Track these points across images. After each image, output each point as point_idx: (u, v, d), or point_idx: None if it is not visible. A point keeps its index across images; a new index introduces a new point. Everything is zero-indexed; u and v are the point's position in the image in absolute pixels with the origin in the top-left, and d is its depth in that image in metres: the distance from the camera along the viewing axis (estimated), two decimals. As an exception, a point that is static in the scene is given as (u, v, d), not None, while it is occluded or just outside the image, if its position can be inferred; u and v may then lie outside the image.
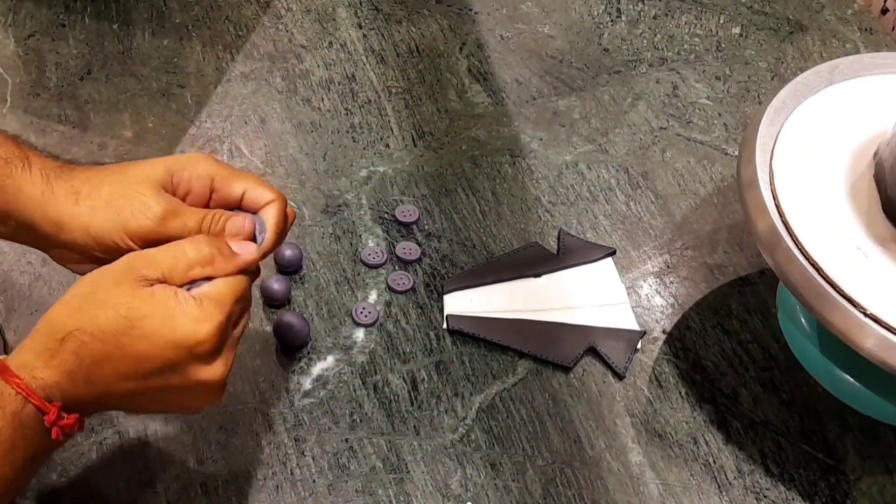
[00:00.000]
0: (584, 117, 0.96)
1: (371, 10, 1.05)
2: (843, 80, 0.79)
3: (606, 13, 1.07)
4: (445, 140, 0.93)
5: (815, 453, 0.75)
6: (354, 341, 0.78)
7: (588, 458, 0.73)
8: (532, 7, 1.07)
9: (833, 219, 0.71)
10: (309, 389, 0.75)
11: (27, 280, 0.79)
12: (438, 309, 0.81)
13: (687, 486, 0.73)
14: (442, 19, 1.04)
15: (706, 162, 0.94)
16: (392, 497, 0.70)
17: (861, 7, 1.10)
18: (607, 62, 1.02)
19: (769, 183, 0.72)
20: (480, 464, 0.72)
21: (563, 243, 0.86)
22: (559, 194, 0.90)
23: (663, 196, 0.91)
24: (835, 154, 0.75)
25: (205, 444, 0.72)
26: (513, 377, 0.77)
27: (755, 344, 0.81)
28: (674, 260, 0.86)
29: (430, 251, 0.84)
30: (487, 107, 0.96)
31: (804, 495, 0.73)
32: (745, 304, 0.84)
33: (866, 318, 0.65)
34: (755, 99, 0.99)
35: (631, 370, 0.78)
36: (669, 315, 0.82)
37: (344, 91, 0.96)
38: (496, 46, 1.02)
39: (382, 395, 0.75)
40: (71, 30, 0.98)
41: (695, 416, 0.77)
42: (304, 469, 0.71)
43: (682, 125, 0.97)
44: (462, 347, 0.79)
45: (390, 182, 0.89)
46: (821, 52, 1.04)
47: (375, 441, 0.73)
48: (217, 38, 0.99)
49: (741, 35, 1.06)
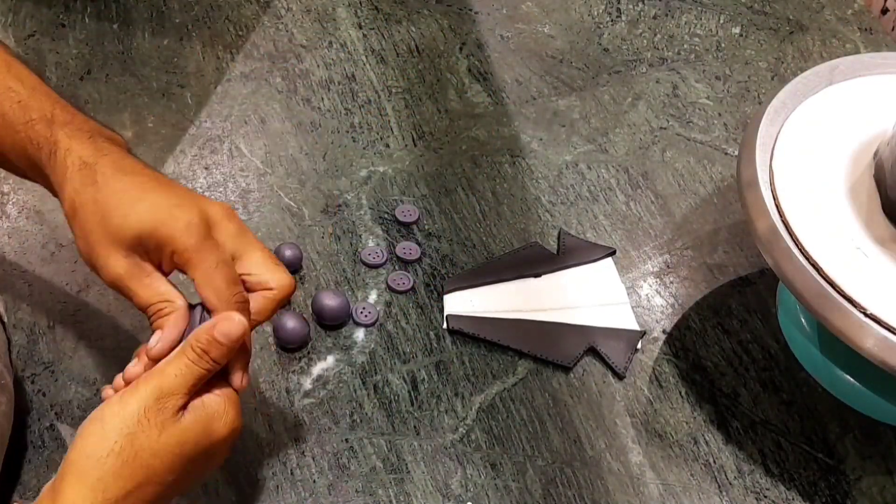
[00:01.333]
0: (584, 117, 0.96)
1: (371, 10, 1.05)
2: (843, 80, 0.79)
3: (606, 13, 1.07)
4: (445, 140, 0.93)
5: (815, 453, 0.75)
6: (354, 341, 0.78)
7: (588, 458, 0.73)
8: (532, 7, 1.07)
9: (833, 219, 0.71)
10: (309, 389, 0.75)
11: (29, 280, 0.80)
12: (438, 309, 0.81)
13: (687, 486, 0.73)
14: (442, 19, 1.04)
15: (706, 162, 0.94)
16: (392, 497, 0.70)
17: (861, 7, 1.10)
18: (607, 62, 1.02)
19: (769, 183, 0.72)
20: (480, 464, 0.72)
21: (563, 243, 0.86)
22: (559, 194, 0.90)
23: (663, 196, 0.91)
24: (835, 154, 0.75)
25: (205, 444, 0.72)
26: (513, 377, 0.77)
27: (755, 344, 0.81)
28: (674, 260, 0.86)
29: (430, 251, 0.84)
30: (487, 107, 0.96)
31: (804, 495, 0.73)
32: (745, 304, 0.84)
33: (866, 318, 0.65)
34: (755, 99, 0.99)
35: (631, 370, 0.78)
36: (669, 315, 0.82)
37: (344, 91, 0.96)
38: (496, 46, 1.02)
39: (382, 395, 0.75)
40: (71, 30, 0.98)
41: (695, 416, 0.77)
42: (304, 469, 0.71)
43: (682, 125, 0.97)
44: (462, 347, 0.79)
45: (390, 182, 0.89)
46: (821, 52, 1.04)
47: (375, 441, 0.73)
48: (217, 38, 0.99)
49: (741, 35, 1.06)
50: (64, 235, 0.82)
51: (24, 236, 0.82)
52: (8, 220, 0.83)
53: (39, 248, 0.81)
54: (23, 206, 0.84)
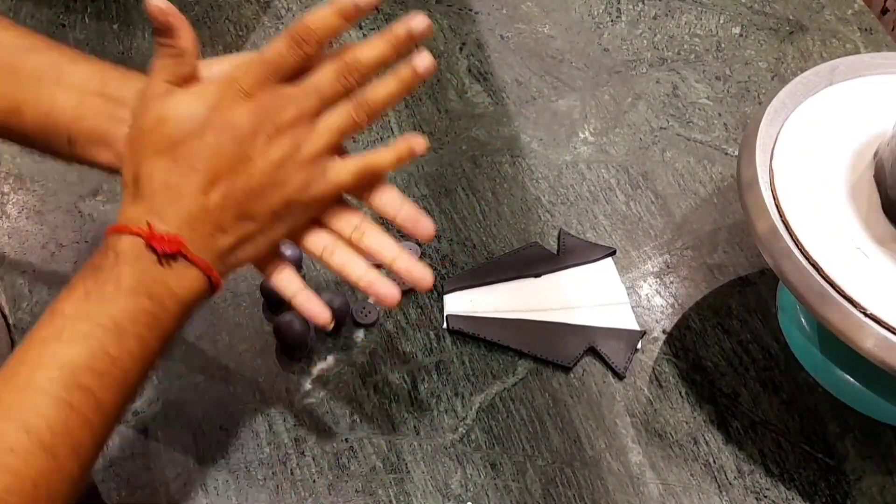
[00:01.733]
0: (584, 117, 0.96)
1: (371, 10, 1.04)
2: (843, 80, 0.79)
3: (606, 13, 1.07)
4: (445, 140, 0.93)
5: (815, 453, 0.75)
6: (354, 341, 0.78)
7: (588, 458, 0.73)
8: (532, 7, 1.07)
9: (833, 219, 0.71)
10: (309, 389, 0.75)
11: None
12: (438, 309, 0.81)
13: (687, 486, 0.73)
14: (442, 19, 1.04)
15: (706, 162, 0.94)
16: (392, 497, 0.70)
17: (861, 7, 1.10)
18: (607, 62, 1.02)
19: (769, 183, 0.72)
20: (480, 464, 0.72)
21: (563, 243, 0.86)
22: (559, 194, 0.90)
23: (663, 196, 0.91)
24: (835, 154, 0.75)
25: (205, 444, 0.72)
26: (513, 377, 0.77)
27: (755, 344, 0.81)
28: (674, 260, 0.86)
29: (430, 251, 0.84)
30: (487, 107, 0.96)
31: (804, 495, 0.73)
32: (745, 304, 0.84)
33: (866, 318, 0.65)
34: (755, 99, 0.99)
35: (631, 370, 0.78)
36: (669, 315, 0.82)
37: (344, 91, 0.96)
38: (496, 46, 1.02)
39: (382, 395, 0.75)
40: (71, 30, 0.98)
41: (695, 416, 0.77)
42: (304, 469, 0.71)
43: (682, 125, 0.97)
44: (462, 347, 0.79)
45: (390, 182, 0.89)
46: (821, 52, 1.04)
47: (375, 441, 0.73)
48: (217, 38, 0.99)
49: (741, 35, 1.06)
50: (64, 235, 0.82)
51: (24, 236, 0.82)
52: (8, 220, 0.83)
53: (39, 249, 0.81)
54: (23, 206, 0.84)
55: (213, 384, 0.75)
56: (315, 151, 0.57)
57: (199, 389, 0.74)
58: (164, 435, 0.72)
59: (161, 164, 0.55)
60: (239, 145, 0.55)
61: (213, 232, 0.56)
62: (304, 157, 0.57)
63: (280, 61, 0.57)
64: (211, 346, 0.77)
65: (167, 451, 0.71)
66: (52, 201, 0.84)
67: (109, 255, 0.54)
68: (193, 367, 0.75)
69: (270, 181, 0.56)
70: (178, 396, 0.74)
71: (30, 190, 0.85)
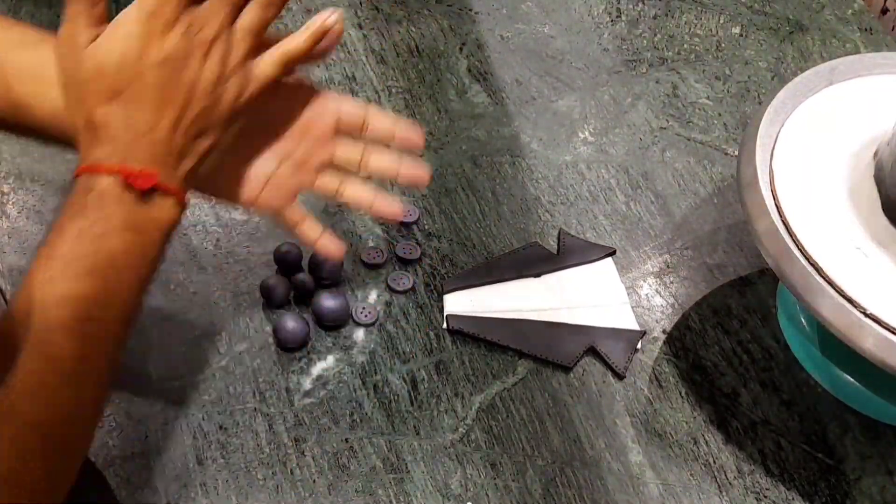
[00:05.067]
0: (584, 117, 0.96)
1: (371, 10, 1.05)
2: (843, 80, 0.79)
3: (606, 13, 1.07)
4: (445, 140, 0.93)
5: (815, 453, 0.75)
6: (354, 341, 0.78)
7: (588, 458, 0.73)
8: (532, 7, 1.07)
9: (833, 219, 0.71)
10: (309, 389, 0.75)
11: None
12: (438, 309, 0.81)
13: (687, 486, 0.73)
14: (442, 19, 1.04)
15: (706, 162, 0.94)
16: (392, 497, 0.70)
17: (861, 7, 1.10)
18: (607, 62, 1.02)
19: (769, 183, 0.72)
20: (480, 464, 0.72)
21: (563, 243, 0.86)
22: (559, 194, 0.90)
23: (663, 196, 0.91)
24: (835, 154, 0.75)
25: (205, 444, 0.72)
26: (513, 377, 0.77)
27: (755, 344, 0.81)
28: (674, 260, 0.86)
29: (430, 251, 0.84)
30: (487, 107, 0.96)
31: (804, 495, 0.73)
32: (745, 304, 0.84)
33: (866, 318, 0.65)
34: (755, 99, 0.99)
35: (631, 370, 0.78)
36: (669, 315, 0.82)
37: (344, 91, 0.96)
38: (496, 46, 1.02)
39: (382, 395, 0.75)
40: (71, 30, 0.98)
41: (695, 416, 0.77)
42: (304, 469, 0.71)
43: (682, 125, 0.97)
44: (462, 347, 0.79)
45: (390, 182, 0.89)
46: (821, 52, 1.05)
47: (375, 441, 0.73)
48: (217, 38, 0.99)
49: (741, 35, 1.06)
50: (64, 235, 0.82)
51: (24, 236, 0.82)
52: (8, 220, 0.83)
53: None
54: (23, 206, 0.84)
55: (212, 384, 0.75)
56: (242, 55, 0.61)
57: (199, 389, 0.74)
58: (164, 435, 0.72)
59: (114, 110, 0.57)
60: (179, 73, 0.58)
61: (177, 158, 0.59)
62: (234, 64, 0.60)
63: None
64: (211, 346, 0.77)
65: (167, 451, 0.71)
66: (52, 201, 0.84)
67: (91, 194, 0.56)
68: (193, 367, 0.75)
69: (214, 96, 0.59)
70: (178, 396, 0.74)
71: (30, 190, 0.85)
